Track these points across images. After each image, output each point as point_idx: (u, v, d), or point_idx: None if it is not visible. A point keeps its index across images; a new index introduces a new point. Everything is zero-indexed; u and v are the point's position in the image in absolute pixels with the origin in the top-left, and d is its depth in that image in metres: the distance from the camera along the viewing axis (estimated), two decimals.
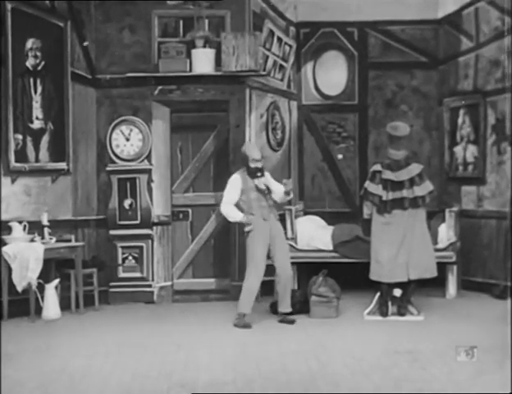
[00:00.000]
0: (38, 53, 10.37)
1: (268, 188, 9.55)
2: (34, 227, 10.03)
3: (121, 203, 11.20)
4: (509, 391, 6.20)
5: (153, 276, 11.24)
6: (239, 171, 9.64)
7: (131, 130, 11.23)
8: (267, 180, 9.58)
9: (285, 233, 10.88)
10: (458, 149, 11.93)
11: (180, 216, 11.54)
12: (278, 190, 9.56)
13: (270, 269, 9.92)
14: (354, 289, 10.64)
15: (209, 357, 7.73)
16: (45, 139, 10.51)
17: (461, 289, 11.14)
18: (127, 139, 11.23)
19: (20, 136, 10.18)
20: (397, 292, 9.64)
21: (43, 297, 9.94)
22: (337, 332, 8.93)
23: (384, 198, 9.62)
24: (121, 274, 11.20)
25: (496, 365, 6.93)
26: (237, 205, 9.52)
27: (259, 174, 9.46)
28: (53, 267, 10.29)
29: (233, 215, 9.51)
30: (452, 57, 12.11)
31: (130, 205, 11.18)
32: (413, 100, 12.54)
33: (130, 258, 11.19)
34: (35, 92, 10.38)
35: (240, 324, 9.27)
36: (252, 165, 9.46)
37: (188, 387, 6.62)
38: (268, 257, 9.52)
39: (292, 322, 9.43)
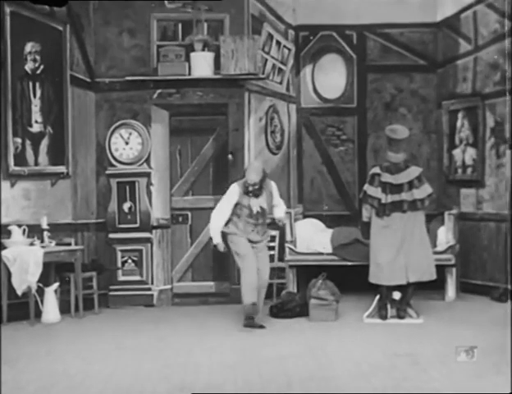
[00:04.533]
0: (38, 57, 10.39)
1: (264, 209, 9.55)
2: (34, 231, 10.04)
3: (120, 206, 11.21)
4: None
5: (152, 279, 11.25)
6: (240, 181, 9.60)
7: (130, 134, 11.24)
8: (266, 200, 9.55)
9: (285, 236, 10.96)
10: (457, 152, 11.94)
11: (180, 219, 11.55)
12: (278, 210, 9.65)
13: (270, 271, 9.94)
14: (354, 292, 10.64)
15: (209, 360, 7.73)
16: (44, 142, 10.52)
17: (460, 292, 11.15)
18: (126, 143, 11.24)
19: (19, 140, 10.19)
20: (396, 295, 9.64)
21: (42, 301, 9.95)
22: (336, 335, 8.93)
23: (383, 201, 9.62)
24: (121, 277, 11.20)
25: (495, 368, 6.93)
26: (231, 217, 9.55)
27: (251, 195, 9.45)
28: (53, 270, 10.29)
29: (213, 233, 9.48)
30: (451, 60, 12.12)
31: (130, 209, 11.19)
32: (412, 103, 12.55)
33: (130, 261, 11.20)
34: (34, 95, 10.39)
35: (250, 325, 9.28)
36: (246, 184, 9.46)
37: (187, 390, 6.62)
38: None
39: (261, 326, 9.40)
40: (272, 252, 11.30)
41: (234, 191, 9.50)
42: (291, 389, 6.64)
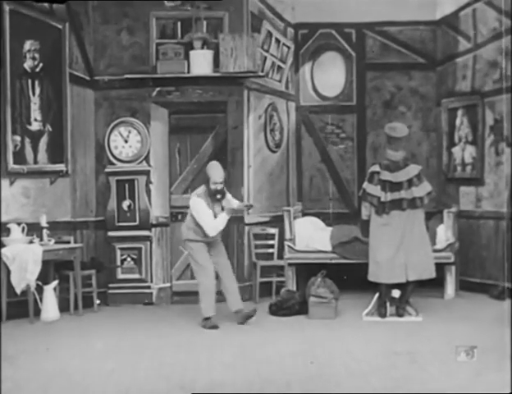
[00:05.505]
0: (37, 55, 10.38)
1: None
2: (33, 229, 10.04)
3: (119, 204, 11.20)
4: (508, 392, 6.20)
5: (151, 277, 11.24)
6: (198, 192, 9.54)
7: (130, 132, 11.23)
8: (228, 202, 9.63)
9: (284, 234, 10.95)
10: (456, 150, 11.94)
11: (179, 217, 11.54)
12: (233, 202, 9.81)
13: (269, 270, 9.95)
14: (353, 290, 10.64)
15: (208, 358, 7.73)
16: (43, 140, 10.51)
17: (459, 290, 11.15)
18: (125, 141, 11.23)
19: (18, 138, 10.19)
20: (395, 293, 9.65)
21: (41, 299, 9.94)
22: (336, 333, 8.93)
23: (382, 199, 9.63)
24: (120, 276, 11.19)
25: (494, 366, 6.93)
26: (189, 224, 9.56)
27: (219, 196, 9.47)
28: (52, 268, 10.28)
29: (220, 225, 9.50)
30: (450, 58, 12.11)
31: (129, 207, 11.19)
32: (412, 101, 12.54)
33: (129, 259, 11.19)
34: (33, 94, 10.38)
35: (207, 326, 9.31)
36: (212, 186, 9.45)
37: (187, 388, 6.62)
38: None
39: (251, 316, 9.45)
40: (271, 250, 11.32)
41: (200, 202, 9.43)
42: (290, 387, 6.65)
